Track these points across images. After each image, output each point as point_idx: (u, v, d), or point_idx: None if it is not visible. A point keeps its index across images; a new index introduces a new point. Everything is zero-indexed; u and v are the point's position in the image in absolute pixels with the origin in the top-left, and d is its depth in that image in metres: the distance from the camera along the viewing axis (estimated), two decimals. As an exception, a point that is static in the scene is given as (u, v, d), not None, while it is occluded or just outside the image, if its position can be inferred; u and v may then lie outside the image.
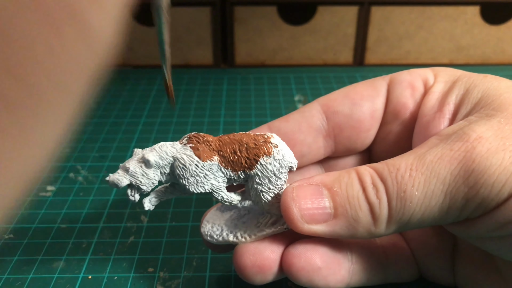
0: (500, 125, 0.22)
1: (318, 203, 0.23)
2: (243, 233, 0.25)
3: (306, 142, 0.28)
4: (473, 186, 0.20)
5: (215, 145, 0.24)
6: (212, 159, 0.24)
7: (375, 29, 0.60)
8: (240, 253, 0.25)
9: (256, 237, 0.25)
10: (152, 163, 0.23)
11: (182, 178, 0.24)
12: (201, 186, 0.24)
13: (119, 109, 0.51)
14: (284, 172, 0.25)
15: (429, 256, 0.27)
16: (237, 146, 0.24)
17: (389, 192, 0.22)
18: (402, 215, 0.22)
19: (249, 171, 0.24)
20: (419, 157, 0.22)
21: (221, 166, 0.24)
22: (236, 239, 0.25)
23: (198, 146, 0.24)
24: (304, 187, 0.23)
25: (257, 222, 0.26)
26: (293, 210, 0.23)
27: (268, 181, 0.24)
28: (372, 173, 0.22)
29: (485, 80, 0.25)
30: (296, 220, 0.23)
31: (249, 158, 0.24)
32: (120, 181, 0.24)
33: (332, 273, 0.24)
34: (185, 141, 0.24)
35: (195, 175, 0.24)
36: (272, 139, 0.24)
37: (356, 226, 0.22)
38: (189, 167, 0.24)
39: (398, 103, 0.28)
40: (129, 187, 0.24)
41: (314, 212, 0.23)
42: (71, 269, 0.30)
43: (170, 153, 0.24)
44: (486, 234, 0.22)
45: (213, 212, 0.28)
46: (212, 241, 0.26)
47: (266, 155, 0.24)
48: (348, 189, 0.22)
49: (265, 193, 0.25)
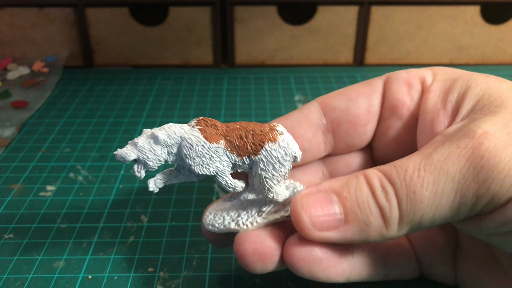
0: (505, 120, 0.22)
1: (328, 209, 0.23)
2: (245, 220, 0.25)
3: (306, 137, 0.29)
4: (484, 183, 0.20)
5: (222, 130, 0.25)
6: (219, 143, 0.24)
7: (375, 29, 0.60)
8: (241, 240, 0.25)
9: (257, 224, 0.25)
10: (160, 140, 0.24)
11: (188, 157, 0.24)
12: (206, 168, 0.25)
13: (119, 109, 0.51)
14: (288, 160, 0.25)
15: (430, 253, 0.27)
16: (243, 132, 0.25)
17: (398, 194, 0.22)
18: (413, 216, 0.22)
19: (254, 157, 0.25)
20: (426, 157, 0.22)
21: (227, 151, 0.25)
22: (237, 227, 0.25)
23: (205, 128, 0.25)
24: (313, 194, 0.23)
25: (259, 211, 0.26)
26: (304, 218, 0.23)
27: (272, 168, 0.25)
28: (380, 176, 0.22)
29: (486, 79, 0.25)
30: (307, 228, 0.23)
31: (255, 144, 0.25)
32: (128, 155, 0.24)
33: (333, 265, 0.24)
34: (193, 123, 0.25)
35: (201, 156, 0.24)
36: (278, 128, 0.25)
37: (368, 230, 0.22)
38: (195, 147, 0.24)
39: (394, 99, 0.28)
40: (136, 163, 0.25)
41: (325, 219, 0.23)
42: (71, 269, 0.30)
43: (178, 133, 0.24)
44: (496, 230, 0.22)
45: (215, 205, 0.28)
46: (214, 229, 0.26)
47: (271, 141, 0.25)
48: (357, 194, 0.22)
49: (268, 180, 0.25)
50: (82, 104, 0.52)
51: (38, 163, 0.42)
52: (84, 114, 0.50)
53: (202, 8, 0.58)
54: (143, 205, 0.36)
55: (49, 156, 0.43)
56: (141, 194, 0.38)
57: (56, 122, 0.49)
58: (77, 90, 0.56)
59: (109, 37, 0.60)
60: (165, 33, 0.60)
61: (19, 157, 0.43)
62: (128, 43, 0.60)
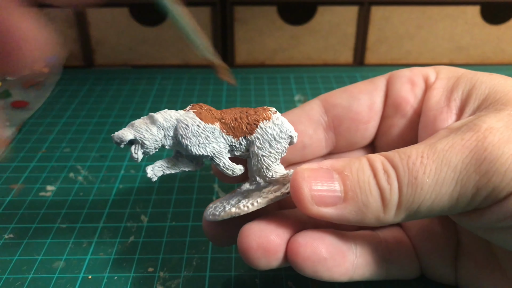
0: (510, 117, 0.22)
1: (328, 185, 0.22)
2: (245, 202, 0.25)
3: (307, 133, 0.29)
4: (485, 174, 0.20)
5: (216, 113, 0.26)
6: (214, 124, 0.25)
7: (375, 29, 0.60)
8: (245, 234, 0.24)
9: (258, 204, 0.25)
10: (156, 119, 0.24)
11: (185, 137, 0.25)
12: (203, 148, 0.25)
13: (119, 109, 0.51)
14: (284, 138, 0.25)
15: (432, 254, 0.27)
16: (238, 114, 0.25)
17: (400, 178, 0.22)
18: (412, 202, 0.22)
19: (249, 136, 0.25)
20: (430, 146, 0.22)
21: (223, 133, 0.25)
22: (238, 209, 0.25)
23: (200, 111, 0.25)
24: (315, 169, 0.23)
25: (260, 193, 0.26)
26: (304, 190, 0.22)
27: (268, 145, 0.25)
28: (383, 160, 0.22)
29: (491, 77, 0.25)
30: (306, 200, 0.22)
31: (249, 123, 0.25)
32: (125, 135, 0.24)
33: (337, 265, 0.24)
34: (188, 108, 0.26)
35: (197, 135, 0.25)
36: (271, 108, 0.26)
37: (365, 211, 0.22)
38: (191, 127, 0.25)
39: (397, 96, 0.28)
40: (133, 144, 0.25)
41: (324, 194, 0.22)
42: (71, 269, 0.30)
43: (174, 116, 0.25)
44: (495, 225, 0.22)
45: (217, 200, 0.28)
46: (215, 218, 0.26)
47: (265, 119, 0.25)
48: (359, 174, 0.22)
49: (266, 158, 0.25)
50: (82, 104, 0.52)
51: (38, 163, 0.42)
52: (84, 114, 0.50)
53: (202, 8, 0.58)
54: (143, 205, 0.36)
55: (49, 156, 0.43)
56: (141, 194, 0.38)
57: (56, 122, 0.49)
58: (77, 90, 0.56)
59: (109, 37, 0.60)
60: (165, 33, 0.60)
61: (19, 157, 0.43)
62: (128, 43, 0.60)
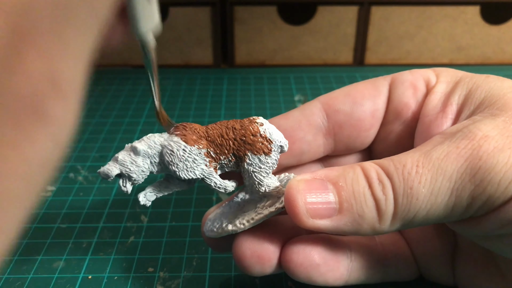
0: (505, 124, 0.22)
1: (323, 197, 0.22)
2: (241, 220, 0.25)
3: (306, 139, 0.28)
4: (480, 184, 0.20)
5: (201, 132, 0.25)
6: (200, 144, 0.24)
7: (375, 29, 0.60)
8: (239, 243, 0.25)
9: (254, 221, 0.24)
10: (139, 150, 0.24)
11: (172, 164, 0.24)
12: (191, 171, 0.24)
13: (119, 109, 0.51)
14: (274, 150, 0.25)
15: (429, 256, 0.27)
16: (223, 130, 0.25)
17: (395, 189, 0.21)
18: (407, 211, 0.21)
19: (238, 153, 0.25)
20: (425, 154, 0.22)
21: (210, 151, 0.24)
22: (234, 227, 0.25)
23: (184, 133, 0.24)
24: (309, 180, 0.23)
25: (256, 208, 0.26)
26: (299, 204, 0.22)
27: (258, 160, 0.25)
28: (377, 169, 0.22)
29: (487, 80, 0.25)
30: (301, 214, 0.22)
31: (236, 140, 0.24)
32: (111, 171, 0.24)
33: (330, 270, 0.24)
34: (172, 131, 0.25)
35: (184, 160, 0.24)
36: (258, 120, 0.25)
37: (361, 222, 0.22)
38: (176, 152, 0.24)
39: (400, 102, 0.28)
40: (120, 177, 0.25)
41: (319, 206, 0.22)
42: (71, 269, 0.30)
43: (158, 141, 0.24)
44: (491, 233, 0.22)
45: (215, 212, 0.28)
46: (213, 235, 0.26)
47: (252, 134, 0.24)
48: (354, 185, 0.22)
49: (257, 173, 0.25)
50: (82, 104, 0.52)
51: (38, 163, 0.42)
52: (84, 114, 0.50)
53: (202, 8, 0.58)
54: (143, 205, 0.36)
55: (49, 156, 0.43)
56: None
57: (56, 122, 0.49)
58: (77, 90, 0.56)
59: (109, 37, 0.60)
60: (165, 33, 0.60)
61: (19, 157, 0.43)
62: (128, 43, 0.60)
